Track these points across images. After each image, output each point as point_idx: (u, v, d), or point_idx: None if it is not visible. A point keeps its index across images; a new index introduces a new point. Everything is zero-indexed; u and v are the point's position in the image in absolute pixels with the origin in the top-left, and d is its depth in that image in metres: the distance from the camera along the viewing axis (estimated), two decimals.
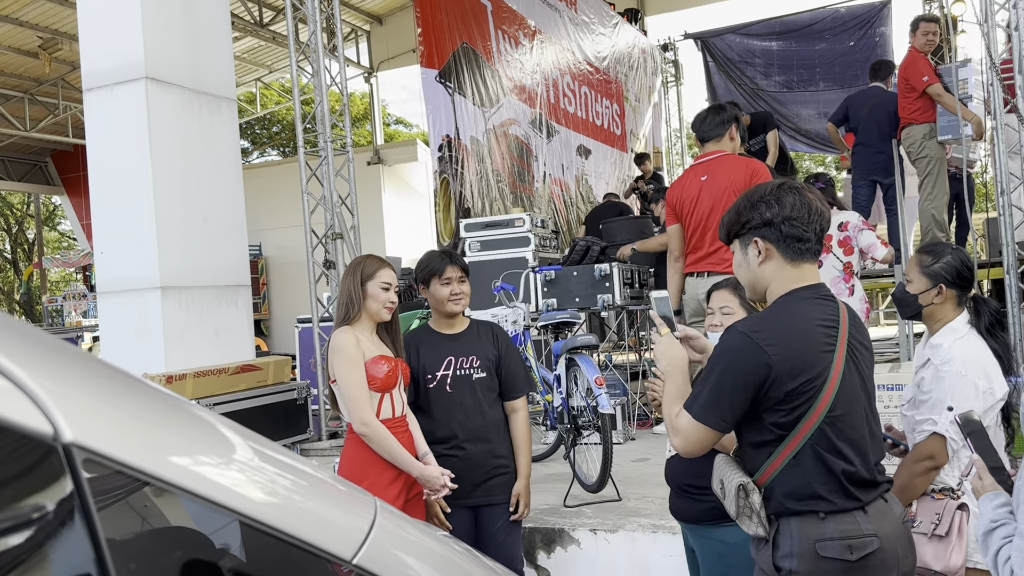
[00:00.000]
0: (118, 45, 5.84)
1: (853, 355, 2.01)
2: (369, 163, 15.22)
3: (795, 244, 2.02)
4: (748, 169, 4.41)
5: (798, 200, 2.03)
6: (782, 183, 2.10)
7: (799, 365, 1.92)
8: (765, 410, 1.95)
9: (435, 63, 8.78)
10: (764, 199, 2.05)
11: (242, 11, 13.44)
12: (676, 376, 2.11)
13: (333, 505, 1.32)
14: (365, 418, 3.00)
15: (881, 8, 13.41)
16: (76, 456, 0.88)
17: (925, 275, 2.79)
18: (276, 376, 6.31)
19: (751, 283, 2.12)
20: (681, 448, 2.03)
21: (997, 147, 5.88)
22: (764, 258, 2.05)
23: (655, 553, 3.92)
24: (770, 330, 1.96)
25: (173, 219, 5.87)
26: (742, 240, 2.09)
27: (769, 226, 2.03)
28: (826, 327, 1.99)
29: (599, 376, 4.58)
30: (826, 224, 2.08)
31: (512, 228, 7.63)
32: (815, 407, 1.92)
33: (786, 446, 1.94)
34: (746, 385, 1.93)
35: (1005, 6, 5.66)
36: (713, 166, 4.51)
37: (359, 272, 3.13)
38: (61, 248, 25.99)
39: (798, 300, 2.02)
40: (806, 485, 1.93)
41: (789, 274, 2.04)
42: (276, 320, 15.79)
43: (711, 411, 1.96)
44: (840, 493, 1.93)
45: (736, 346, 1.96)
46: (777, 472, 1.95)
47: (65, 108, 15.39)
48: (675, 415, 2.04)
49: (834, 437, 1.93)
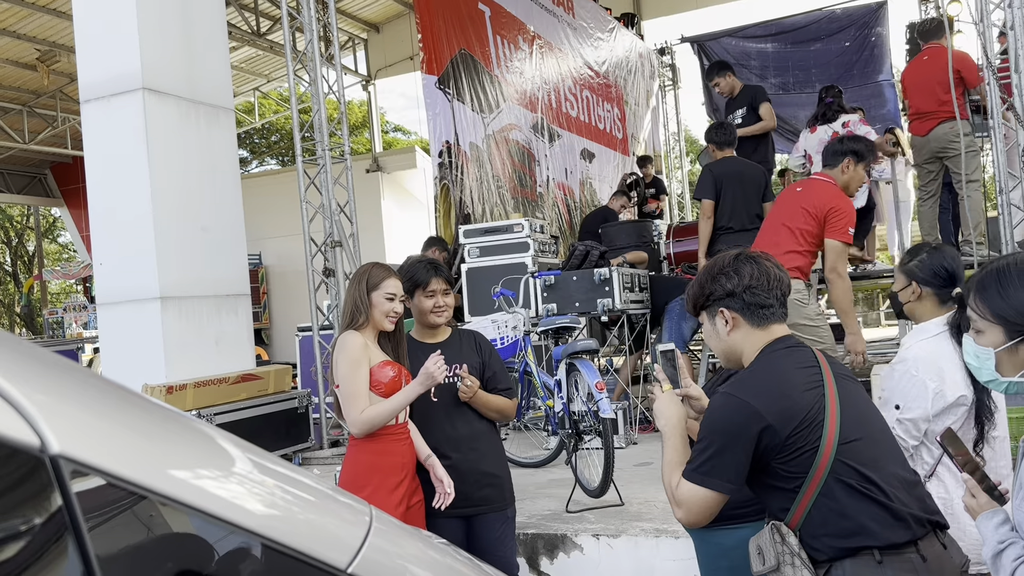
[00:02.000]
0: (115, 56, 5.84)
1: (844, 386, 2.01)
2: (368, 171, 15.23)
3: (759, 311, 2.09)
4: (834, 203, 4.51)
5: (756, 269, 2.10)
6: (739, 254, 2.16)
7: (789, 407, 1.93)
8: (772, 460, 1.94)
9: (435, 69, 8.80)
10: (723, 271, 2.12)
11: (239, 21, 13.47)
12: (675, 439, 2.07)
13: (327, 514, 1.31)
14: (357, 416, 2.98)
15: (877, 8, 13.41)
16: (64, 468, 0.87)
17: (902, 272, 2.84)
18: (277, 385, 6.30)
19: (724, 352, 2.16)
20: (685, 519, 1.99)
21: (995, 146, 5.88)
22: (732, 327, 2.11)
23: (658, 558, 3.90)
24: (751, 385, 2.00)
25: (172, 229, 5.87)
26: (709, 312, 2.16)
27: (732, 296, 2.10)
28: (805, 368, 2.02)
29: (600, 381, 4.57)
30: (786, 289, 2.13)
31: (511, 234, 7.62)
32: (824, 440, 1.90)
33: (810, 483, 1.91)
34: (742, 442, 1.92)
35: (1001, 6, 5.66)
36: (813, 185, 4.68)
37: (365, 281, 3.12)
38: (61, 260, 26.02)
39: (771, 354, 2.06)
40: (848, 518, 1.89)
41: (758, 337, 2.09)
42: (276, 329, 15.80)
43: (713, 474, 1.94)
44: (887, 517, 1.88)
45: (724, 406, 1.98)
46: (807, 512, 1.91)
47: (64, 120, 15.43)
48: (675, 485, 2.00)
49: (856, 464, 1.90)
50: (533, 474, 5.52)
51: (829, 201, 4.50)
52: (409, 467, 3.11)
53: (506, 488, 3.33)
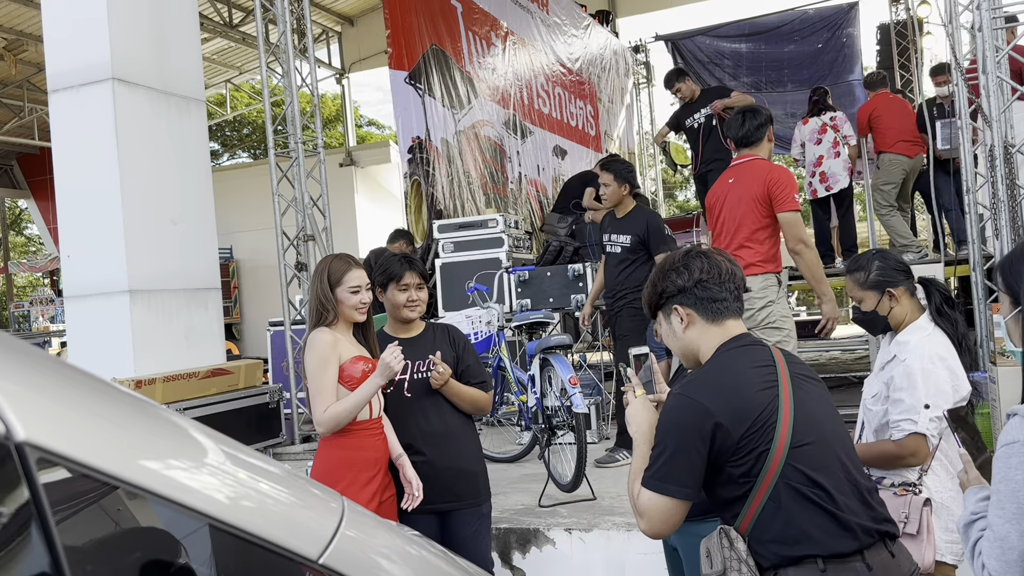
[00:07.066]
0: (84, 46, 5.75)
1: (800, 386, 1.99)
2: (341, 165, 15.14)
3: (712, 305, 2.07)
4: (768, 178, 4.34)
5: (706, 263, 2.09)
6: (688, 250, 2.15)
7: (741, 407, 1.90)
8: (726, 463, 1.91)
9: (404, 65, 8.76)
10: (674, 268, 2.11)
11: (211, 12, 13.31)
12: (644, 447, 2.01)
13: (299, 505, 1.30)
14: (321, 415, 2.96)
15: (849, 10, 13.57)
16: (29, 456, 0.86)
17: (869, 289, 2.84)
18: (248, 380, 6.25)
19: (682, 351, 2.15)
20: (647, 529, 1.94)
21: (963, 147, 5.96)
22: (687, 323, 2.09)
23: (630, 551, 3.92)
24: (704, 384, 1.97)
25: (141, 222, 5.80)
26: (664, 311, 2.14)
27: (684, 292, 2.08)
28: (761, 367, 1.99)
29: (573, 376, 4.58)
30: (740, 283, 2.12)
31: (485, 229, 7.63)
32: (776, 443, 1.87)
33: (759, 489, 1.88)
34: (695, 443, 1.89)
35: (969, 7, 5.74)
36: (741, 170, 4.50)
37: (326, 277, 3.08)
38: (28, 253, 25.58)
39: (727, 352, 2.04)
40: (794, 525, 1.86)
41: (714, 334, 2.07)
42: (248, 323, 15.66)
43: (669, 480, 1.89)
44: (833, 526, 1.86)
45: (675, 407, 1.95)
46: (756, 516, 1.89)
47: (31, 110, 15.17)
48: (637, 495, 1.96)
49: (806, 468, 1.88)
50: (506, 469, 5.52)
51: (763, 177, 4.34)
52: (382, 462, 3.10)
53: (481, 484, 3.31)
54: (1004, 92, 5.41)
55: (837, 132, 7.65)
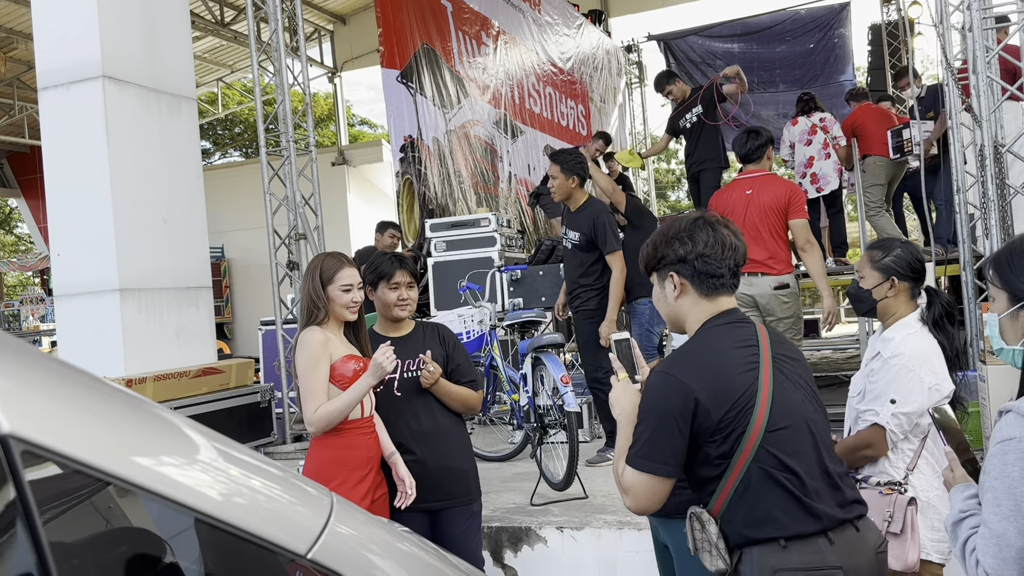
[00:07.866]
0: (74, 43, 5.72)
1: (782, 369, 1.99)
2: (334, 164, 15.10)
3: (709, 280, 2.05)
4: (790, 190, 5.02)
5: (712, 237, 2.05)
6: (698, 218, 2.12)
7: (723, 389, 1.90)
8: (704, 443, 1.92)
9: (396, 63, 8.75)
10: (678, 235, 2.07)
11: (202, 10, 13.27)
12: (628, 428, 2.01)
13: (287, 500, 1.30)
14: (312, 415, 2.95)
15: (840, 10, 13.62)
16: (14, 448, 0.85)
17: (877, 270, 2.83)
18: (239, 379, 6.24)
19: (670, 317, 2.14)
20: (633, 506, 1.95)
21: (953, 146, 5.98)
22: (680, 292, 2.07)
23: (621, 550, 3.93)
24: (687, 362, 1.97)
25: (132, 220, 5.77)
26: (659, 274, 2.12)
27: (683, 262, 2.06)
28: (744, 347, 1.99)
29: (565, 375, 4.58)
30: (740, 259, 2.09)
31: (478, 228, 7.62)
32: (752, 426, 1.88)
33: (732, 471, 1.89)
34: (677, 421, 1.89)
35: (959, 8, 5.76)
36: (759, 183, 5.05)
37: (318, 275, 3.06)
38: (18, 252, 25.46)
39: (712, 329, 2.03)
40: (760, 508, 1.88)
41: (705, 307, 2.06)
42: (239, 323, 15.62)
43: (651, 458, 1.90)
44: (798, 511, 1.88)
45: (658, 385, 1.95)
46: (729, 499, 1.91)
47: (21, 108, 15.10)
48: (621, 472, 1.96)
49: (779, 453, 1.89)
50: (498, 468, 5.52)
51: (785, 190, 5.00)
52: (374, 461, 3.09)
53: (472, 482, 3.30)
54: (994, 92, 5.43)
55: (827, 133, 7.68)
